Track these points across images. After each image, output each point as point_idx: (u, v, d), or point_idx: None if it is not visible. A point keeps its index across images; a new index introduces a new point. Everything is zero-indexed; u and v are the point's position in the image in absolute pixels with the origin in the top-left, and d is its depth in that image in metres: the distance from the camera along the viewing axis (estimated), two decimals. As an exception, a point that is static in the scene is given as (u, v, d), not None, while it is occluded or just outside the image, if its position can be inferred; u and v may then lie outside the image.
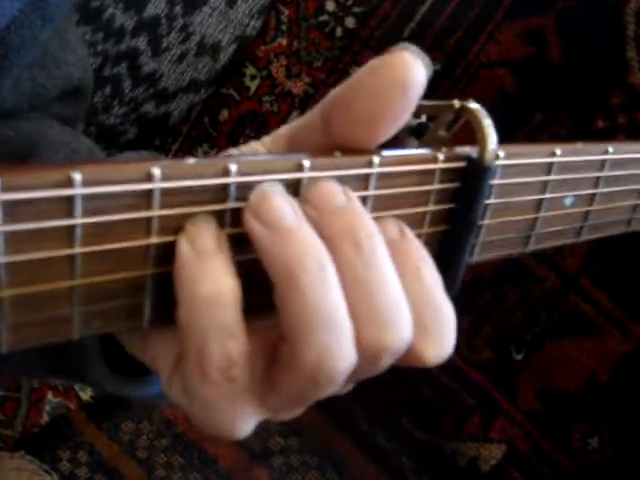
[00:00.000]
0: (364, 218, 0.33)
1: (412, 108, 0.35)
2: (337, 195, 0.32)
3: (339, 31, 1.09)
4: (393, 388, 1.06)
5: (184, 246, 0.30)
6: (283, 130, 0.38)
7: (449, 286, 0.39)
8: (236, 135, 1.12)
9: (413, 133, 0.38)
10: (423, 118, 0.38)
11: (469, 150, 0.37)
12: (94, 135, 1.00)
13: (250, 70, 1.10)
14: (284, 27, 1.10)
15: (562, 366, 1.05)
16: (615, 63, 1.02)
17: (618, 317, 1.04)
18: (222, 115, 1.11)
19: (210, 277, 0.30)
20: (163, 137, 1.10)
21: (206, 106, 1.11)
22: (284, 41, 1.10)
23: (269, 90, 1.10)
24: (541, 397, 1.07)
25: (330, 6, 1.09)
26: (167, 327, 0.33)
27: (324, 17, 1.09)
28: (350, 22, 1.09)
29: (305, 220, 0.31)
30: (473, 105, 0.37)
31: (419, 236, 0.38)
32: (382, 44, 1.08)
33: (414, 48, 0.35)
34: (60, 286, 0.29)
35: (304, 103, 1.10)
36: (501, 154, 0.38)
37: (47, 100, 0.52)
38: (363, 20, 1.09)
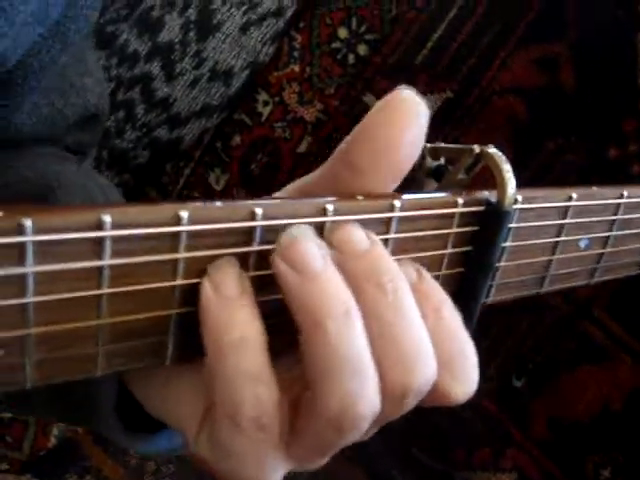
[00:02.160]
0: (387, 261, 0.33)
1: (425, 131, 0.35)
2: (361, 239, 0.32)
3: (351, 58, 1.09)
4: (404, 417, 1.05)
5: (208, 292, 0.30)
6: (293, 186, 0.39)
7: (465, 326, 0.39)
8: (248, 160, 1.12)
9: (432, 175, 0.39)
10: (442, 160, 0.38)
11: (488, 194, 0.37)
12: (107, 159, 1.00)
13: (262, 96, 1.11)
14: (297, 54, 1.10)
15: (574, 394, 1.04)
16: (627, 90, 1.02)
17: (631, 345, 1.03)
18: (234, 140, 1.12)
19: (235, 323, 0.30)
20: (175, 162, 1.10)
21: (218, 131, 1.12)
22: (297, 67, 1.10)
23: (281, 116, 1.11)
24: (553, 426, 1.06)
25: (342, 33, 1.10)
26: (193, 379, 0.33)
27: (336, 44, 1.10)
28: (362, 49, 1.09)
29: (332, 265, 0.31)
30: (492, 150, 0.37)
31: (437, 278, 0.38)
32: (394, 71, 1.08)
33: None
34: (86, 325, 0.29)
35: (316, 129, 1.10)
36: (519, 198, 0.38)
37: (65, 127, 0.53)
38: (375, 47, 1.09)
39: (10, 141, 0.49)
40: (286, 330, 0.32)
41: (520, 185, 0.37)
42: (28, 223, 0.26)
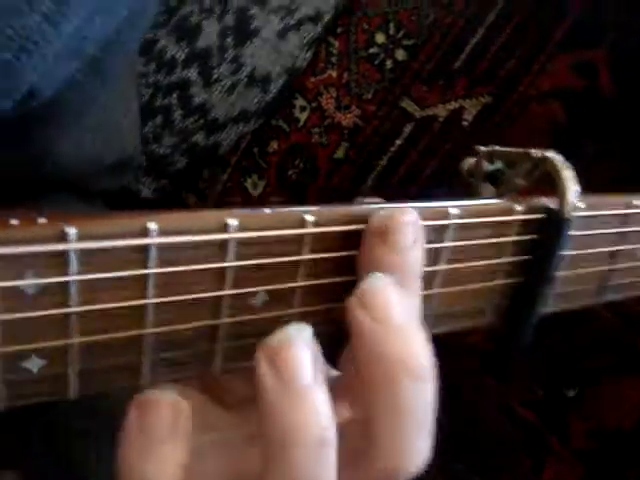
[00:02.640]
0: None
1: None
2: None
3: (389, 63, 1.09)
4: (444, 431, 1.04)
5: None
6: None
7: (522, 338, 0.38)
8: (285, 166, 1.12)
9: (489, 179, 0.38)
10: (499, 164, 0.37)
11: (547, 201, 0.36)
12: (145, 165, 1.00)
13: (300, 101, 1.10)
14: (334, 59, 1.10)
15: (617, 406, 1.02)
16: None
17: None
18: (271, 146, 1.12)
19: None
20: (212, 167, 1.10)
21: (255, 137, 1.12)
22: (334, 73, 1.10)
23: (318, 122, 1.10)
24: (594, 437, 1.04)
25: (380, 38, 1.09)
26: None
27: (374, 49, 1.09)
28: (400, 54, 1.09)
29: (322, 383, 0.28)
30: (552, 155, 0.36)
31: (492, 288, 0.37)
32: (432, 76, 1.07)
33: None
34: (130, 334, 0.29)
35: (353, 135, 1.10)
36: (581, 206, 0.37)
37: (98, 168, 0.52)
38: (413, 52, 1.08)
39: (41, 181, 0.48)
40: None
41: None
42: (72, 231, 0.25)
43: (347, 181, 1.10)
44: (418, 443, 0.29)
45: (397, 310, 0.28)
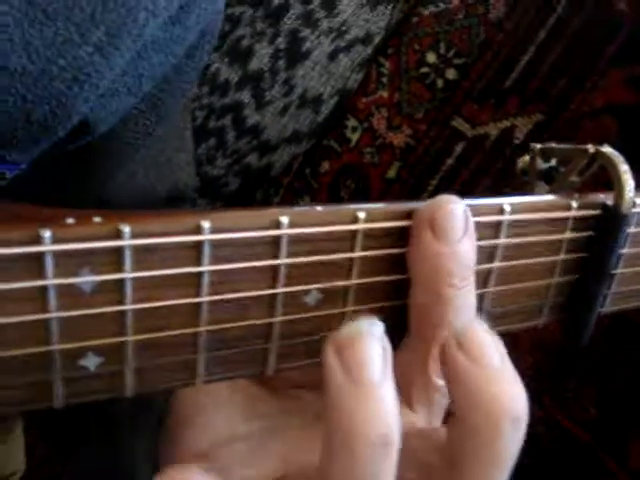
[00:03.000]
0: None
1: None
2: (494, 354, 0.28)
3: (440, 82, 1.09)
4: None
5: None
6: None
7: (580, 337, 0.37)
8: (337, 187, 1.12)
9: (543, 177, 0.37)
10: (553, 162, 0.37)
11: (604, 197, 0.36)
12: (198, 187, 1.02)
13: (351, 122, 1.11)
14: (385, 79, 1.10)
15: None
16: None
17: None
18: (323, 166, 1.12)
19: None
20: (265, 188, 1.11)
21: (307, 157, 1.13)
22: (385, 93, 1.10)
23: (370, 142, 1.11)
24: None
25: (431, 58, 1.09)
26: None
27: (425, 69, 1.09)
28: (451, 73, 1.09)
29: (391, 381, 0.27)
30: (609, 150, 0.35)
31: (548, 286, 0.37)
32: (484, 95, 1.07)
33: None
34: (185, 332, 0.29)
35: (405, 155, 1.10)
36: (638, 201, 0.36)
37: (152, 202, 0.53)
38: (464, 71, 1.08)
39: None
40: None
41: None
42: (126, 229, 0.26)
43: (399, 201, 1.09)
44: None
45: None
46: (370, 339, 0.27)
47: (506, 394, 0.27)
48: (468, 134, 1.08)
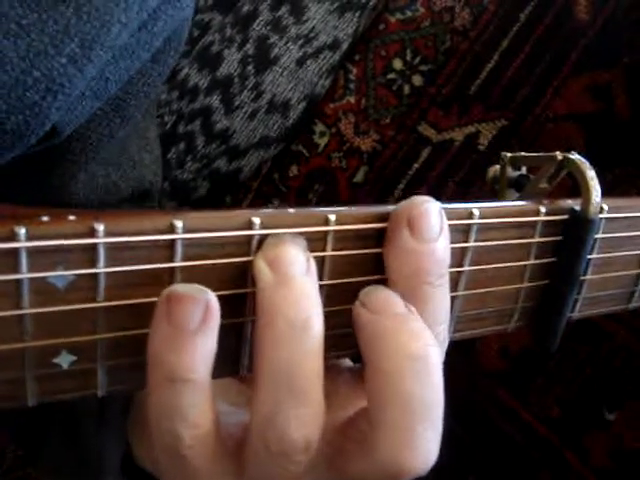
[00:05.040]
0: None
1: None
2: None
3: (406, 89, 1.10)
4: (461, 445, 1.04)
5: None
6: None
7: (549, 342, 0.38)
8: (305, 191, 1.13)
9: (513, 185, 0.38)
10: (523, 170, 0.38)
11: (571, 203, 0.37)
12: (168, 191, 1.02)
13: (319, 127, 1.12)
14: (352, 85, 1.11)
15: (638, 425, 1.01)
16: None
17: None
18: (292, 171, 1.13)
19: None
20: (234, 193, 1.11)
21: (276, 162, 1.13)
22: (352, 99, 1.11)
23: (338, 147, 1.12)
24: (614, 457, 1.03)
25: (397, 64, 1.11)
26: None
27: (391, 75, 1.11)
28: (417, 80, 1.10)
29: (314, 279, 0.30)
30: (576, 157, 0.37)
31: (519, 290, 0.37)
32: (449, 101, 1.09)
33: None
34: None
35: (372, 159, 1.11)
36: (605, 207, 0.37)
37: (117, 199, 0.53)
38: (430, 78, 1.10)
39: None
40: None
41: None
42: (100, 227, 0.26)
43: (367, 204, 1.10)
44: (421, 440, 0.30)
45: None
46: (292, 243, 0.30)
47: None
48: (434, 139, 1.09)
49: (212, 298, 0.28)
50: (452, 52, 1.09)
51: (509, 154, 0.38)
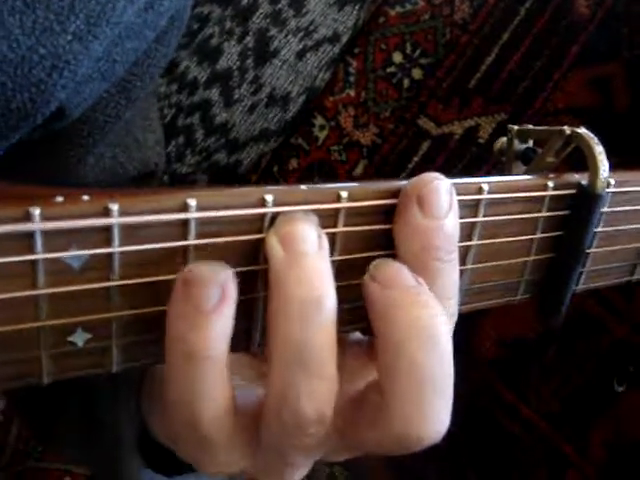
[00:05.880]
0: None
1: None
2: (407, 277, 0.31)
3: (406, 82, 1.10)
4: (458, 440, 1.04)
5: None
6: None
7: (555, 315, 0.38)
8: (305, 183, 1.13)
9: (520, 158, 0.38)
10: (530, 143, 0.38)
11: (579, 177, 0.37)
12: (167, 184, 1.01)
13: (319, 120, 1.12)
14: (352, 78, 1.11)
15: (636, 418, 1.01)
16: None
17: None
18: (291, 164, 1.13)
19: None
20: (233, 186, 1.11)
21: (275, 155, 1.13)
22: (352, 92, 1.11)
23: (337, 140, 1.12)
24: (612, 450, 1.03)
25: (397, 58, 1.11)
26: None
27: (391, 69, 1.11)
28: (417, 73, 1.10)
29: (325, 255, 0.30)
30: (584, 131, 0.37)
31: (525, 264, 0.38)
32: (449, 94, 1.09)
33: None
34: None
35: (372, 153, 1.11)
36: (612, 182, 0.37)
37: (124, 180, 0.53)
38: (430, 71, 1.10)
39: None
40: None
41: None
42: (115, 207, 0.26)
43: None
44: (431, 409, 0.30)
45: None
46: (304, 220, 0.29)
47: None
48: (433, 133, 1.09)
49: (229, 277, 0.28)
50: (452, 45, 1.09)
51: (516, 126, 0.38)
